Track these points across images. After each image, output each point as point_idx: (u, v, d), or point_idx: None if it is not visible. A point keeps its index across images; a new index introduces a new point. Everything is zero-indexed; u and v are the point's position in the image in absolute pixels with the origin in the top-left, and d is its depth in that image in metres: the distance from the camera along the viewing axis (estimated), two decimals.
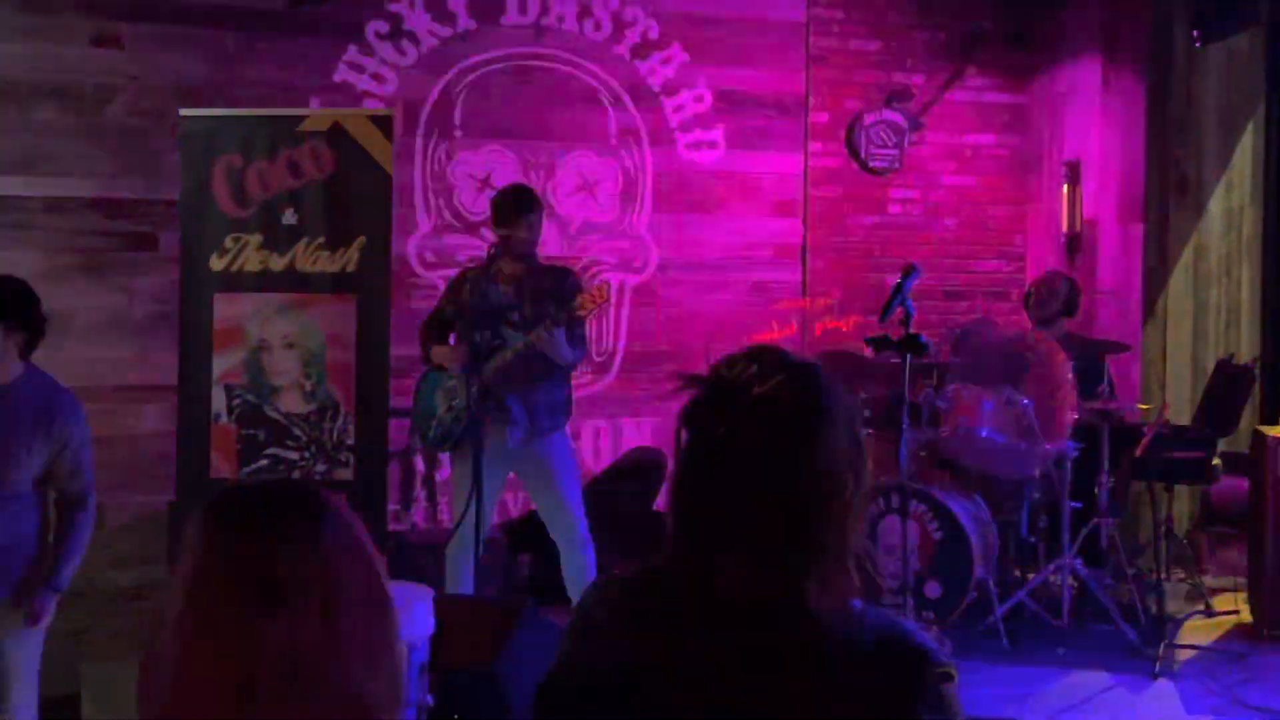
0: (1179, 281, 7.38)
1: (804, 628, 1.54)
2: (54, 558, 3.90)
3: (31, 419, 3.82)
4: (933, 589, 5.77)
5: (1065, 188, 7.53)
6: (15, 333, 3.80)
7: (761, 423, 1.54)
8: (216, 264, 5.34)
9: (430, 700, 3.64)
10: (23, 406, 3.81)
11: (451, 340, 5.51)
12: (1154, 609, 5.86)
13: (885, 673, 1.54)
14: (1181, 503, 6.93)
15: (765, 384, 1.54)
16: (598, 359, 6.96)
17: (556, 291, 5.36)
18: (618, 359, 7.02)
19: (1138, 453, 5.98)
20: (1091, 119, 7.41)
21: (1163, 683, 5.30)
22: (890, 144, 7.54)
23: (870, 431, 6.34)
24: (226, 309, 5.35)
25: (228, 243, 5.34)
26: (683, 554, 1.59)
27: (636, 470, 6.66)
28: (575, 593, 5.47)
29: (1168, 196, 7.29)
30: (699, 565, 1.56)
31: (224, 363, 5.32)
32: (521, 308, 5.33)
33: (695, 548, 1.57)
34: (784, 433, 1.55)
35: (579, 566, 5.43)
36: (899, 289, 4.53)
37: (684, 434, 1.60)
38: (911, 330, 4.44)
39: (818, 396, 1.57)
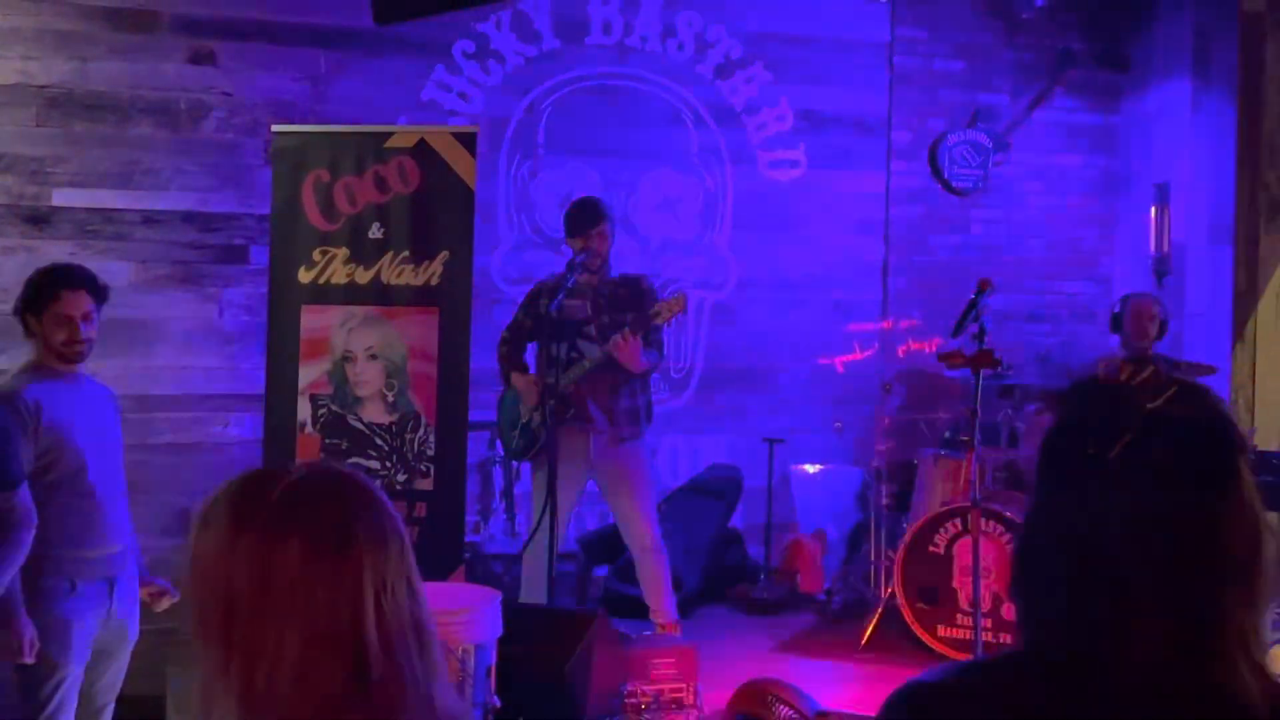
0: (1269, 305, 7.23)
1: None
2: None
3: (110, 405, 3.91)
4: (1012, 612, 5.69)
5: (1154, 210, 7.44)
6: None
7: (1170, 438, 1.23)
8: (304, 276, 5.45)
9: (497, 702, 3.69)
10: (99, 394, 3.89)
11: (531, 351, 5.61)
12: None
13: None
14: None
15: (1160, 396, 1.25)
16: (676, 376, 6.99)
17: (632, 299, 5.44)
18: (696, 376, 7.04)
19: None
20: (1181, 140, 7.31)
21: None
22: (974, 164, 7.49)
23: (944, 452, 6.31)
24: (313, 320, 5.46)
25: (316, 256, 5.45)
26: (1069, 622, 1.25)
27: (713, 487, 6.68)
28: (650, 600, 5.51)
29: (1258, 219, 7.16)
30: (1100, 636, 1.23)
31: (310, 373, 5.42)
32: (597, 319, 5.40)
33: (1092, 610, 1.23)
34: (1199, 455, 1.24)
35: (653, 575, 5.47)
36: (973, 304, 4.51)
37: (1057, 460, 1.29)
38: (986, 346, 4.41)
39: (1224, 418, 1.25)
